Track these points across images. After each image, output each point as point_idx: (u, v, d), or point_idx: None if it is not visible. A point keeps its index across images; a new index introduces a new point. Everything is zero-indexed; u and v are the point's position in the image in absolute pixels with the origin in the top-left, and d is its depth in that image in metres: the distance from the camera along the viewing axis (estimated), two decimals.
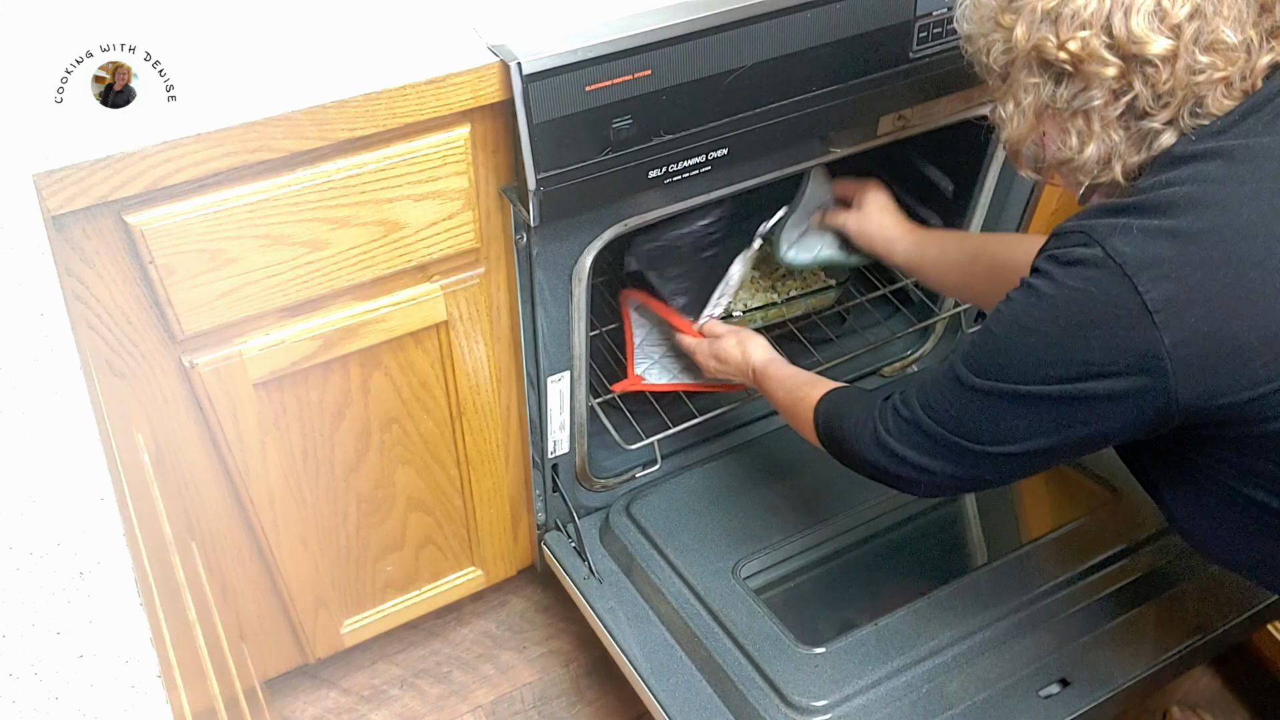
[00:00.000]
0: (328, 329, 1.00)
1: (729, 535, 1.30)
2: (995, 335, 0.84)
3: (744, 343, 1.24)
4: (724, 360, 1.25)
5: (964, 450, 0.88)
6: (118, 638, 0.53)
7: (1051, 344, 0.79)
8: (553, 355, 1.17)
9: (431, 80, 0.87)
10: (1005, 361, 0.83)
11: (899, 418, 0.92)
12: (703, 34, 0.93)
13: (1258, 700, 1.46)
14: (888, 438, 0.93)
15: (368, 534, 1.23)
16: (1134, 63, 0.77)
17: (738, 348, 1.23)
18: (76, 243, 0.83)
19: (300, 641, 1.31)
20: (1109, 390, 0.78)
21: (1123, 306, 0.75)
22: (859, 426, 0.97)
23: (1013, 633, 1.18)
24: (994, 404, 0.84)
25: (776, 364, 1.19)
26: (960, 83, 1.15)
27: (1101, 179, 0.84)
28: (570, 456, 1.31)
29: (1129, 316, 0.75)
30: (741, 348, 1.23)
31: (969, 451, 0.87)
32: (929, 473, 0.91)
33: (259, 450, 1.06)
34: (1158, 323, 0.74)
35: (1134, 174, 0.83)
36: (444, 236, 0.99)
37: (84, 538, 0.56)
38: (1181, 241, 0.75)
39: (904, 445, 0.92)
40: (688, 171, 1.03)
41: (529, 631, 1.54)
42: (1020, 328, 0.81)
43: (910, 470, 0.92)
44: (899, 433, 0.93)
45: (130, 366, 0.93)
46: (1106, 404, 0.79)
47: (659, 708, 1.17)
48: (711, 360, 1.27)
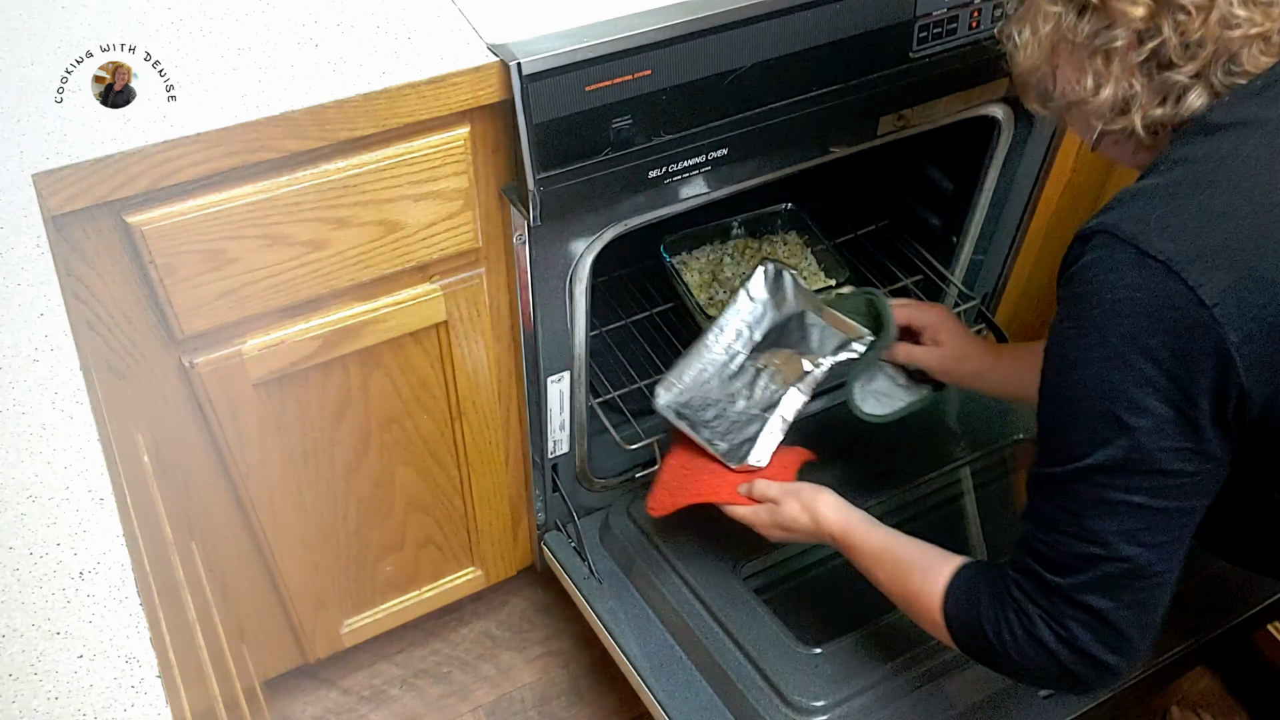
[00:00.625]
0: (328, 329, 1.00)
1: (729, 535, 1.29)
2: (1050, 384, 0.75)
3: (810, 505, 1.05)
4: (790, 528, 1.07)
5: (1099, 559, 0.74)
6: (118, 638, 0.53)
7: (1112, 366, 0.71)
8: (553, 355, 1.17)
9: (431, 80, 0.87)
10: (1073, 414, 0.73)
11: (1028, 577, 0.78)
12: (703, 34, 0.93)
13: (1258, 700, 1.46)
14: (1033, 610, 0.77)
15: (368, 534, 1.23)
16: (1166, 6, 0.72)
17: (804, 513, 1.05)
18: (76, 243, 0.83)
19: (300, 641, 1.31)
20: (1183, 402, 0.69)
21: (1177, 306, 0.68)
22: (1000, 625, 0.80)
23: None
24: (1086, 477, 0.73)
25: (860, 528, 1.00)
26: (960, 83, 1.15)
27: (1115, 125, 0.77)
28: (570, 456, 1.31)
29: (1187, 316, 0.67)
30: (809, 512, 1.05)
31: (1108, 559, 0.74)
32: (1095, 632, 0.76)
33: (259, 450, 1.06)
34: (1218, 317, 0.67)
35: (1155, 128, 0.76)
36: (444, 236, 0.99)
37: (84, 538, 0.56)
38: (1228, 224, 0.68)
39: (1050, 612, 0.77)
40: (688, 171, 1.03)
41: (529, 631, 1.54)
42: (1070, 364, 0.73)
43: (1078, 635, 0.76)
44: (1035, 591, 0.77)
45: (130, 366, 0.93)
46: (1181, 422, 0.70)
47: (659, 708, 1.17)
48: (776, 531, 1.09)
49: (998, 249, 1.47)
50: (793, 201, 1.55)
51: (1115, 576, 0.74)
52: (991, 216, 1.41)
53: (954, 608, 0.86)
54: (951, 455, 1.40)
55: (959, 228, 1.43)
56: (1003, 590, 0.81)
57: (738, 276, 1.50)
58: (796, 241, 1.56)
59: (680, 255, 1.52)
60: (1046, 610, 0.78)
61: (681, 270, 1.49)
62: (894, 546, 0.96)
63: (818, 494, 1.06)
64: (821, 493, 1.06)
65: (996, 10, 1.08)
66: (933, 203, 1.48)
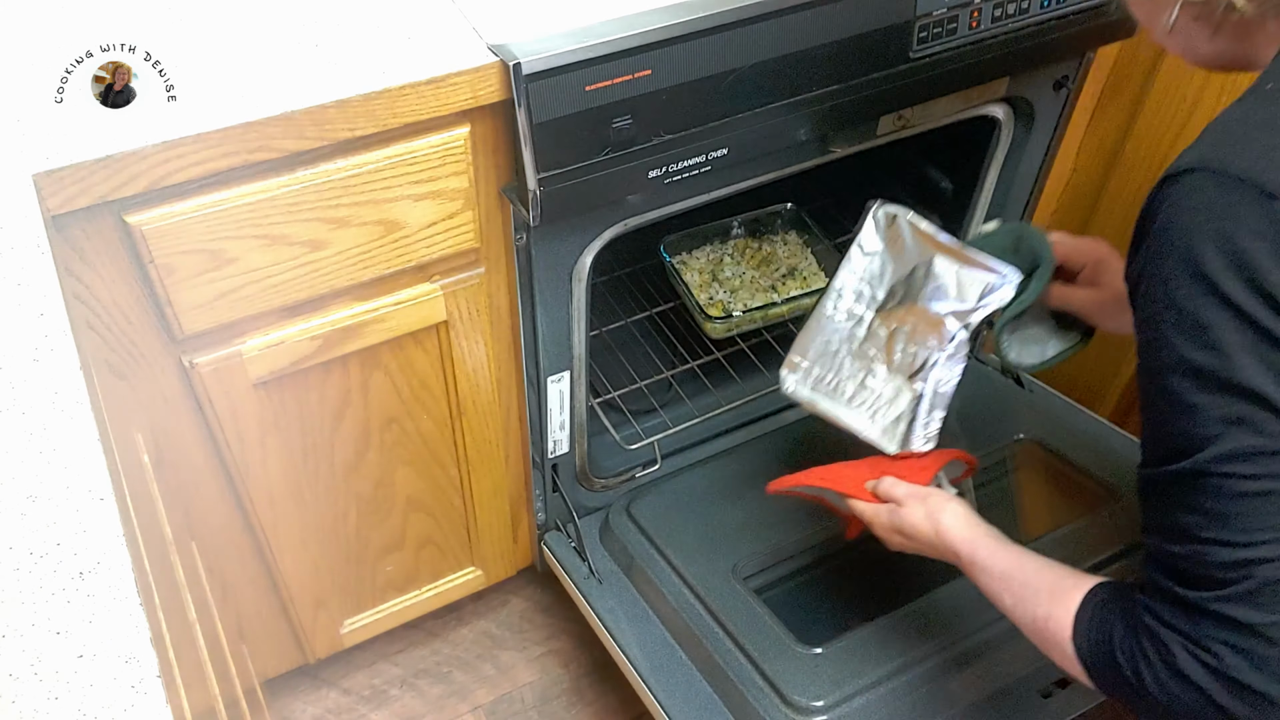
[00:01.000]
0: (328, 329, 1.00)
1: (729, 535, 1.29)
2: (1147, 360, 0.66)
3: (935, 514, 0.95)
4: (910, 535, 0.98)
5: (1250, 564, 0.64)
6: (118, 638, 0.53)
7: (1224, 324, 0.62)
8: (553, 355, 1.17)
9: (431, 80, 0.87)
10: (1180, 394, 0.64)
11: (1162, 599, 0.68)
12: (703, 34, 0.93)
13: None
14: (1173, 639, 0.67)
15: (368, 534, 1.23)
16: None
17: (927, 521, 0.96)
18: (76, 243, 0.83)
19: (300, 641, 1.31)
20: None
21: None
22: (1137, 658, 0.70)
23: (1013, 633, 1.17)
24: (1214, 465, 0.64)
25: (987, 545, 0.90)
26: (960, 83, 1.15)
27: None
28: (570, 456, 1.31)
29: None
30: (933, 521, 0.95)
31: (1263, 562, 0.64)
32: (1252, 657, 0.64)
33: (259, 450, 1.06)
34: None
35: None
36: (444, 236, 0.99)
37: (84, 538, 0.56)
38: None
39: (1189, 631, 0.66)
40: (688, 171, 1.03)
41: (529, 631, 1.54)
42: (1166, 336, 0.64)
43: (1230, 663, 0.65)
44: (1173, 615, 0.67)
45: (130, 366, 0.93)
46: None
47: (659, 708, 1.17)
48: (895, 535, 1.01)
49: None
50: (793, 201, 1.56)
51: (1272, 584, 0.64)
52: (991, 216, 1.41)
53: (1084, 639, 0.75)
54: None
55: (959, 228, 1.43)
56: (1135, 617, 0.71)
57: (737, 276, 1.50)
58: (796, 241, 1.56)
59: (680, 255, 1.52)
60: (1188, 636, 0.67)
61: (681, 270, 1.49)
62: (1022, 567, 0.86)
63: (946, 503, 0.96)
64: (950, 502, 0.96)
65: (996, 10, 1.08)
66: (933, 203, 1.48)
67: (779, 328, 1.49)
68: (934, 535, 0.95)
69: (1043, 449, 1.41)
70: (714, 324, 1.42)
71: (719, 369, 1.45)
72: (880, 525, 1.02)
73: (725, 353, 1.45)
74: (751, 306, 1.45)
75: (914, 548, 1.00)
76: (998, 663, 1.16)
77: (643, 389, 1.42)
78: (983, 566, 0.89)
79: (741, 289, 1.48)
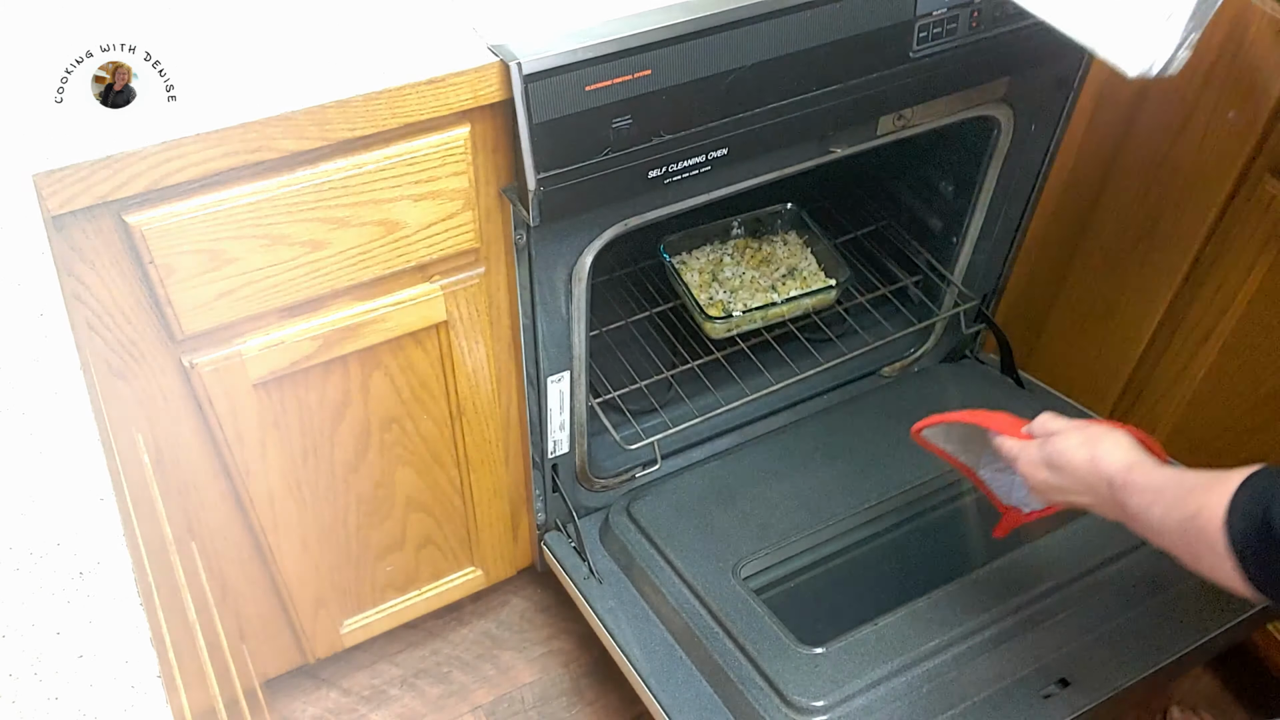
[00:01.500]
0: (327, 329, 1.00)
1: (729, 535, 1.29)
2: None
3: (1093, 440, 0.90)
4: (1060, 467, 0.92)
5: None
6: (118, 638, 0.53)
7: None
8: (553, 355, 1.17)
9: (431, 80, 0.87)
10: None
11: None
12: (703, 34, 0.93)
13: (1258, 700, 1.46)
14: None
15: (368, 534, 1.23)
16: None
17: (1083, 447, 0.90)
18: (76, 243, 0.83)
19: (300, 642, 1.31)
20: None
21: None
22: None
23: (1013, 633, 1.18)
24: None
25: (1143, 467, 0.85)
26: (960, 83, 1.15)
27: None
28: (570, 456, 1.31)
29: None
30: (1089, 446, 0.90)
31: None
32: None
33: (259, 450, 1.06)
34: None
35: None
36: (444, 236, 0.99)
37: (84, 538, 0.56)
38: None
39: None
40: (688, 171, 1.03)
41: (529, 631, 1.54)
42: None
43: None
44: None
45: (130, 366, 0.93)
46: None
47: (659, 708, 1.17)
48: (1041, 470, 0.95)
49: (998, 249, 1.47)
50: (793, 201, 1.56)
51: None
52: (991, 216, 1.41)
53: (1237, 519, 0.70)
54: None
55: (959, 228, 1.43)
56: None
57: (737, 276, 1.50)
58: (796, 241, 1.56)
59: (680, 255, 1.52)
60: None
61: (681, 270, 1.49)
62: (1179, 478, 0.80)
63: (1107, 432, 0.90)
64: (1113, 432, 0.90)
65: (996, 10, 1.08)
66: (933, 202, 1.48)
67: (779, 328, 1.49)
68: (1088, 462, 0.89)
69: None
70: (714, 324, 1.42)
71: (719, 369, 1.45)
72: (1028, 460, 0.97)
73: (725, 353, 1.45)
74: (751, 306, 1.45)
75: (1057, 485, 0.94)
76: (998, 663, 1.16)
77: (643, 389, 1.42)
78: (1137, 486, 0.83)
79: (741, 289, 1.49)
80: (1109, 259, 1.41)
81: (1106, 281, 1.42)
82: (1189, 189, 1.26)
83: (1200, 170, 1.24)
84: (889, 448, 1.40)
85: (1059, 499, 0.96)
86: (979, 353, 1.59)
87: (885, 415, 1.47)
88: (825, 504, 1.33)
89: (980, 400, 1.45)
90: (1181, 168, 1.26)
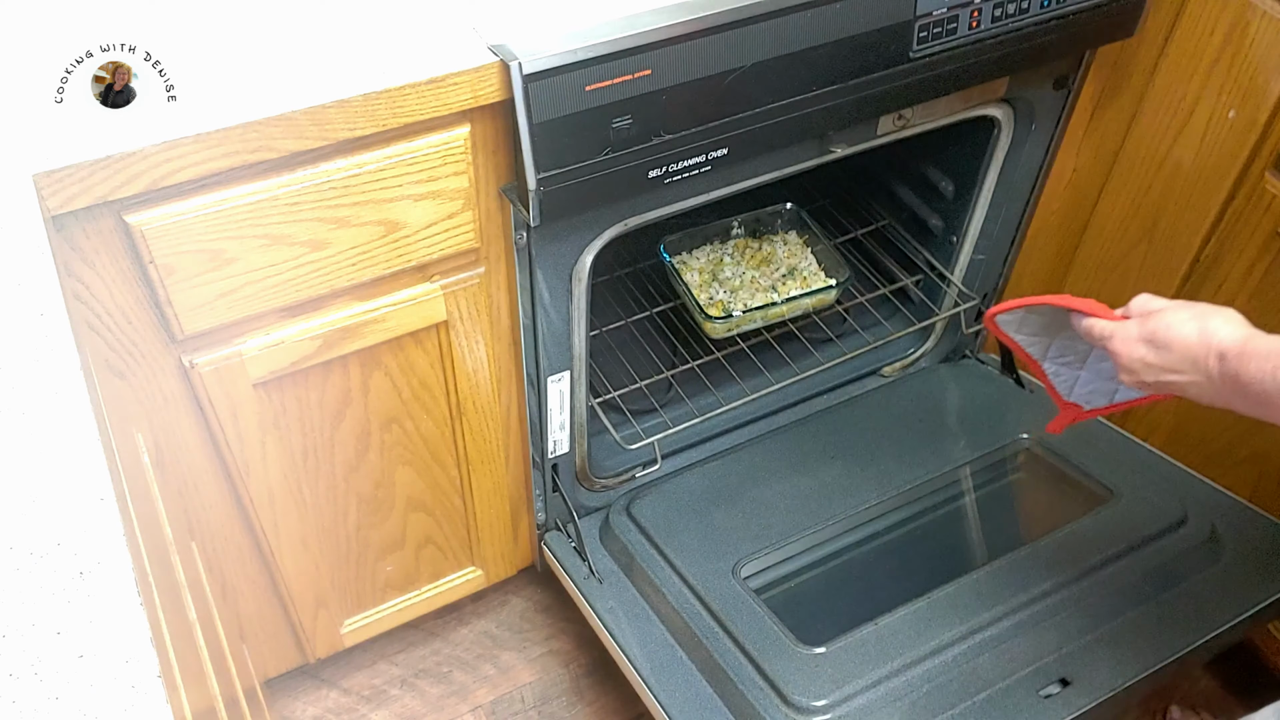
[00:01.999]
0: (328, 329, 1.00)
1: (729, 535, 1.29)
2: None
3: (1204, 315, 0.85)
4: (1165, 342, 0.86)
5: None
6: (118, 638, 0.53)
7: None
8: (553, 355, 1.17)
9: (431, 80, 0.87)
10: None
11: None
12: (703, 34, 0.93)
13: (1258, 700, 1.46)
14: None
15: (368, 534, 1.23)
16: None
17: (1193, 321, 0.84)
18: (76, 243, 0.83)
19: (300, 641, 1.31)
20: None
21: None
22: None
23: (1013, 633, 1.18)
24: None
25: (1260, 336, 0.81)
26: (960, 83, 1.15)
27: None
28: (570, 456, 1.31)
29: None
30: (1200, 320, 0.84)
31: None
32: None
33: (259, 450, 1.06)
34: None
35: None
36: (444, 236, 0.99)
37: (84, 538, 0.56)
38: None
39: None
40: (688, 171, 1.03)
41: (529, 631, 1.54)
42: None
43: None
44: None
45: (130, 366, 0.93)
46: None
47: (659, 708, 1.17)
48: (1139, 347, 0.88)
49: (998, 249, 1.47)
50: (793, 201, 1.56)
51: None
52: (991, 216, 1.41)
53: None
54: (951, 455, 1.40)
55: (959, 228, 1.43)
56: None
57: (738, 276, 1.50)
58: (796, 241, 1.56)
59: (680, 255, 1.52)
60: None
61: (681, 270, 1.49)
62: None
63: (1217, 308, 0.85)
64: (1223, 309, 0.85)
65: (996, 10, 1.08)
66: (933, 202, 1.48)
67: (779, 327, 1.49)
68: (1197, 335, 0.84)
69: (1043, 448, 1.41)
70: (714, 324, 1.42)
71: (719, 369, 1.45)
72: (1124, 338, 0.90)
73: (725, 353, 1.45)
74: (751, 306, 1.45)
75: (1156, 363, 0.88)
76: (998, 663, 1.16)
77: (643, 389, 1.42)
78: (1258, 353, 0.79)
79: (741, 289, 1.48)
80: (1109, 259, 1.41)
81: (1106, 281, 1.42)
82: (1189, 189, 1.26)
83: (1200, 170, 1.24)
84: (889, 448, 1.40)
85: (1152, 379, 0.89)
86: (979, 353, 1.59)
87: (885, 415, 1.47)
88: (825, 504, 1.33)
89: (980, 399, 1.45)
90: (1181, 167, 1.26)
